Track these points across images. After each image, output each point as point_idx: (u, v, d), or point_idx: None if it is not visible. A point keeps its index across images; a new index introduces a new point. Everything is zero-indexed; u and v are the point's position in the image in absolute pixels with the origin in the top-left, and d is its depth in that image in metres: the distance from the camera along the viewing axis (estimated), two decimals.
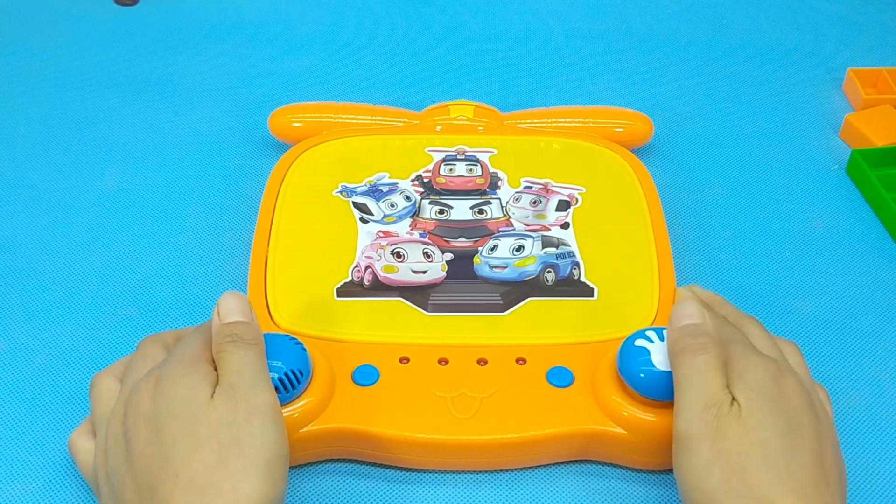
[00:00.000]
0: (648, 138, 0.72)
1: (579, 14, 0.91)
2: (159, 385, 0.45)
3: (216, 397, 0.44)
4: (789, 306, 0.62)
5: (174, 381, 0.45)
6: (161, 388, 0.45)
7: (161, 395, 0.44)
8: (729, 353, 0.47)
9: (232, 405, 0.44)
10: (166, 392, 0.44)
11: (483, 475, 0.52)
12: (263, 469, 0.42)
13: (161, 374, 0.45)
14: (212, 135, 0.75)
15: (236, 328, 0.47)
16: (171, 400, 0.44)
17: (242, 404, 0.44)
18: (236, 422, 0.43)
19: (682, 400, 0.46)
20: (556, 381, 0.52)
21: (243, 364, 0.46)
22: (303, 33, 0.87)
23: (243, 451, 0.42)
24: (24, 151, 0.73)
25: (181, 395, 0.44)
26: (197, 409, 0.43)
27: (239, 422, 0.43)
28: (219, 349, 0.47)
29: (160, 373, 0.46)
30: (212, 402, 0.44)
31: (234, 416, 0.43)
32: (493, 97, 0.78)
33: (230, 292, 0.49)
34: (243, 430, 0.43)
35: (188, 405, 0.44)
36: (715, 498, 0.42)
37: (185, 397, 0.44)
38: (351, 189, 0.65)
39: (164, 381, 0.45)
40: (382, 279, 0.59)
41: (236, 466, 0.42)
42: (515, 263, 0.60)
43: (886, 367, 0.58)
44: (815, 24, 0.89)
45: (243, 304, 0.49)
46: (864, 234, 0.67)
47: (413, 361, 0.54)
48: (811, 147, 0.75)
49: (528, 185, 0.66)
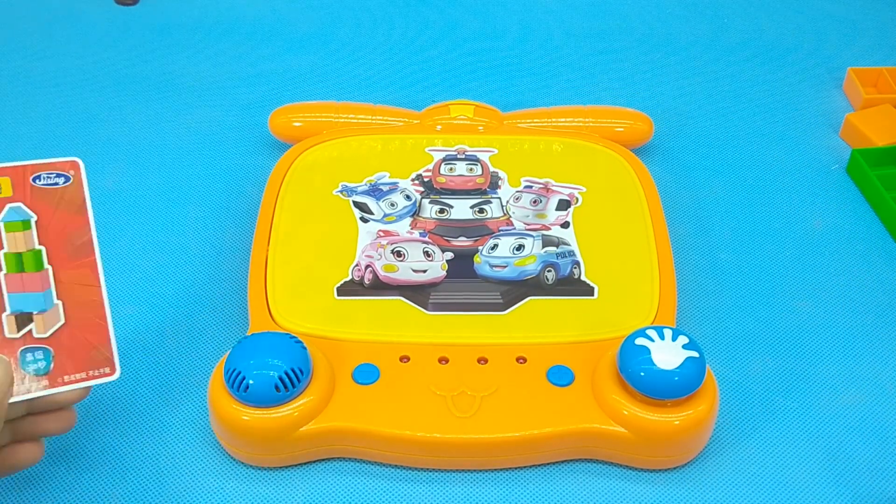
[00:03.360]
0: (648, 138, 0.72)
1: (579, 14, 0.91)
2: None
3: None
4: (789, 306, 0.62)
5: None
6: None
7: None
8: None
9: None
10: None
11: (483, 474, 0.52)
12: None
13: None
14: (212, 135, 0.75)
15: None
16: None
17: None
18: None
19: None
20: (557, 380, 0.52)
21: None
22: (303, 33, 0.87)
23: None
24: (24, 151, 0.73)
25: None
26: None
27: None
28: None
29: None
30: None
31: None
32: (494, 97, 0.78)
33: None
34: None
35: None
36: None
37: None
38: (351, 188, 0.65)
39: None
40: (383, 278, 0.59)
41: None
42: (516, 263, 0.60)
43: (886, 367, 0.58)
44: (815, 24, 0.89)
45: (2, 379, 0.45)
46: (865, 234, 0.67)
47: (413, 360, 0.54)
48: (811, 147, 0.75)
49: (528, 184, 0.66)
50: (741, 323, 0.61)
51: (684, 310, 0.60)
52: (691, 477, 0.52)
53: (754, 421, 0.55)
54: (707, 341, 0.59)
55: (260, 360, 0.49)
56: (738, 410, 0.56)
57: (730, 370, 0.58)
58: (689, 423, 0.50)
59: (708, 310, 0.61)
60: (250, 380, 0.49)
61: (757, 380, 0.57)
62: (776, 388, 0.57)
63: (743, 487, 0.52)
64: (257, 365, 0.49)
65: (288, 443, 0.50)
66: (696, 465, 0.53)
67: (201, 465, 0.52)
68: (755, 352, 0.59)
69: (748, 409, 0.56)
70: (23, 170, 0.48)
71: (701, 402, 0.50)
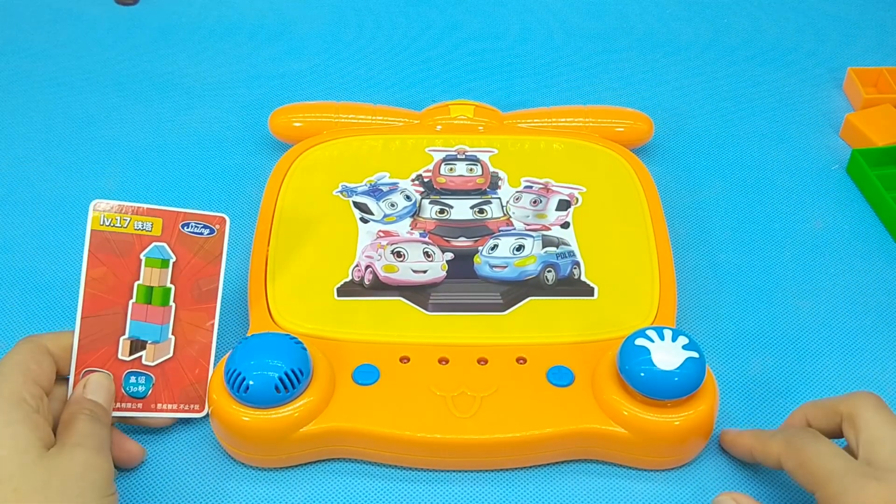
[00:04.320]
0: (648, 138, 0.72)
1: (579, 14, 0.91)
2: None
3: (53, 453, 0.44)
4: (789, 306, 0.62)
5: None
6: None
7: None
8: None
9: (69, 462, 0.44)
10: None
11: (483, 474, 0.52)
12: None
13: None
14: (212, 135, 0.75)
15: (96, 408, 0.48)
16: None
17: (79, 464, 0.44)
18: (70, 479, 0.43)
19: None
20: (557, 381, 0.52)
21: (94, 431, 0.46)
22: (303, 33, 0.87)
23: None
24: (24, 151, 0.73)
25: (8, 444, 0.44)
26: (28, 461, 0.43)
27: (72, 480, 0.43)
28: (73, 415, 0.47)
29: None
30: (47, 456, 0.44)
31: (69, 473, 0.44)
32: (494, 97, 0.78)
33: (105, 374, 0.51)
34: (72, 488, 0.43)
35: (19, 457, 0.43)
36: None
37: (15, 448, 0.44)
38: (351, 189, 0.65)
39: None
40: (383, 279, 0.59)
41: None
42: (516, 263, 0.60)
43: (886, 367, 0.58)
44: (815, 24, 0.89)
45: (109, 390, 0.50)
46: (865, 234, 0.67)
47: (413, 361, 0.54)
48: (811, 147, 0.75)
49: (528, 184, 0.66)
50: (741, 323, 0.61)
51: (684, 310, 0.60)
52: (691, 477, 0.53)
53: (754, 421, 0.55)
54: (707, 341, 0.59)
55: (260, 360, 0.49)
56: (738, 410, 0.56)
57: (730, 370, 0.58)
58: (689, 423, 0.50)
59: (708, 310, 0.61)
60: (250, 380, 0.49)
61: (757, 380, 0.57)
62: (776, 388, 0.57)
63: (743, 487, 0.52)
64: (257, 366, 0.49)
65: (288, 443, 0.50)
66: (696, 465, 0.53)
67: (201, 466, 0.53)
68: (755, 352, 0.59)
69: (748, 409, 0.56)
70: (175, 215, 0.53)
71: (701, 403, 0.50)
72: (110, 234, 0.52)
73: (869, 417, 0.46)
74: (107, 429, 0.48)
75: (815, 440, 0.47)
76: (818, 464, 0.45)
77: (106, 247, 0.52)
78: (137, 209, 0.53)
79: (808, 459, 0.46)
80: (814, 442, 0.46)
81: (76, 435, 0.46)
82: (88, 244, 0.51)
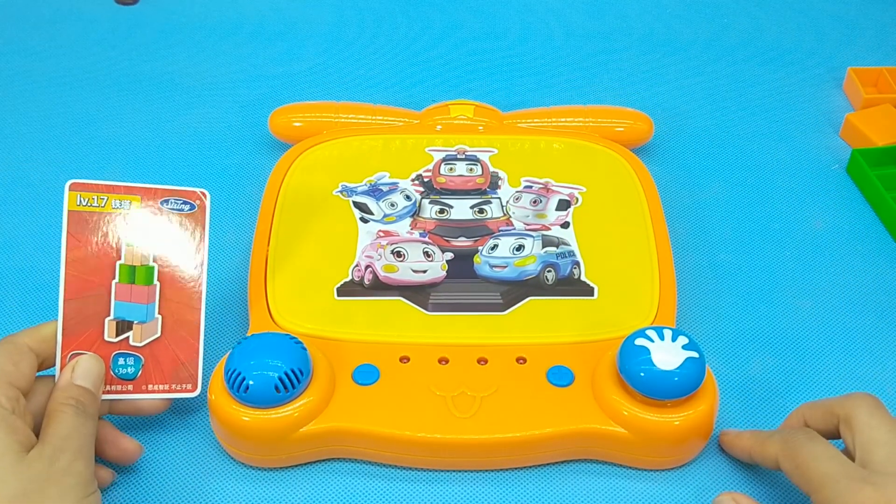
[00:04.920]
0: (648, 138, 0.72)
1: (579, 13, 0.91)
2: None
3: (32, 456, 0.43)
4: (789, 306, 0.62)
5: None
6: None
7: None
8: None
9: (49, 468, 0.43)
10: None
11: (483, 474, 0.52)
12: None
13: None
14: (212, 134, 0.75)
15: (83, 395, 0.47)
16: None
17: (59, 468, 0.43)
18: (48, 483, 0.43)
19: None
20: (557, 381, 0.52)
21: (77, 429, 0.45)
22: (303, 33, 0.87)
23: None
24: (24, 151, 0.73)
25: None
26: (6, 465, 0.43)
27: (51, 485, 0.43)
28: (57, 407, 0.46)
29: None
30: (26, 460, 0.43)
31: (48, 479, 0.43)
32: (494, 96, 0.78)
33: (94, 356, 0.49)
34: (51, 493, 0.43)
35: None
36: None
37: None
38: (351, 189, 0.65)
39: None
40: (383, 279, 0.59)
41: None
42: (515, 263, 0.60)
43: (886, 367, 0.58)
44: (815, 24, 0.89)
45: (99, 374, 0.49)
46: (865, 234, 0.67)
47: (413, 361, 0.54)
48: (811, 146, 0.75)
49: (528, 184, 0.66)
50: (741, 323, 0.61)
51: (684, 310, 0.60)
52: (691, 477, 0.53)
53: (754, 421, 0.55)
54: (707, 341, 0.59)
55: (260, 360, 0.49)
56: (738, 410, 0.56)
57: (730, 370, 0.58)
58: (689, 423, 0.50)
59: (708, 310, 0.61)
60: (250, 380, 0.49)
61: (757, 380, 0.57)
62: (776, 388, 0.57)
63: (742, 488, 0.52)
64: (257, 365, 0.49)
65: (288, 443, 0.50)
66: (695, 465, 0.53)
67: (201, 465, 0.53)
68: (755, 352, 0.59)
69: (748, 409, 0.56)
70: (153, 192, 0.52)
71: (701, 403, 0.50)
72: (88, 214, 0.51)
73: (865, 420, 0.46)
74: (92, 420, 0.47)
75: (811, 442, 0.47)
76: (814, 466, 0.45)
77: (84, 227, 0.50)
78: (114, 187, 0.51)
79: (804, 462, 0.46)
80: (810, 444, 0.46)
81: (57, 437, 0.44)
82: (66, 225, 0.50)
